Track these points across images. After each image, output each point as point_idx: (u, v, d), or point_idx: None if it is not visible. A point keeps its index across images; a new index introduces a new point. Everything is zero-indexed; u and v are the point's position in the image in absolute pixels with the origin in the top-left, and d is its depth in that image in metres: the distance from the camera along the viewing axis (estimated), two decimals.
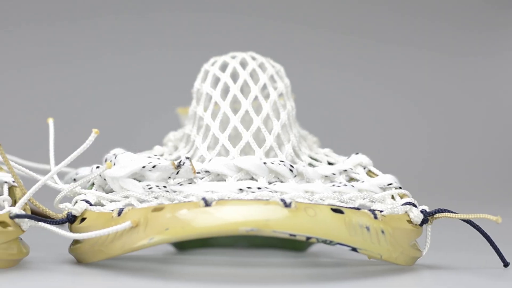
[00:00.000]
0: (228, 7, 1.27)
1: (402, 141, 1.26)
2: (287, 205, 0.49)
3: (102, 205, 0.54)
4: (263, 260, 0.64)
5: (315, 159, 0.61)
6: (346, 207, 0.51)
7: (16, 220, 0.51)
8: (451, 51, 1.32)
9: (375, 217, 0.52)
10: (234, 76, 0.62)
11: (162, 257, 0.63)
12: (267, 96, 0.61)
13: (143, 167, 0.54)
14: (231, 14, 1.26)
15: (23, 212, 0.51)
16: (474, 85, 1.33)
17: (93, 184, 0.57)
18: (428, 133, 1.29)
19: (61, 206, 0.54)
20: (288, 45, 1.25)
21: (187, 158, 0.54)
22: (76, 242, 0.53)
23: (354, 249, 0.50)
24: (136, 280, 0.50)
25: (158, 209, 0.50)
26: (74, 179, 0.59)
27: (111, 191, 0.56)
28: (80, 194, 0.55)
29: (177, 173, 0.54)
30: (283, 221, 0.48)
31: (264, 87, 0.61)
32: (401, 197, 0.58)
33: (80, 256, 0.53)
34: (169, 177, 0.55)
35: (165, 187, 0.54)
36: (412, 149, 1.26)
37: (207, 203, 0.49)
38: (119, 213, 0.51)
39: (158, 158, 0.55)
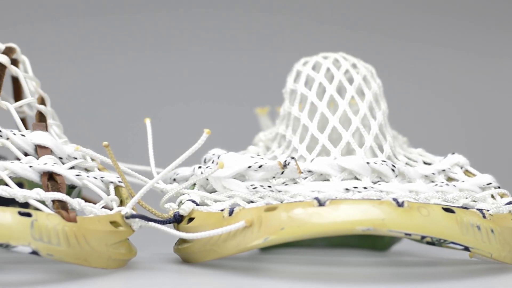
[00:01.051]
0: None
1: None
2: (399, 204, 0.49)
3: (207, 205, 0.54)
4: (346, 259, 0.64)
5: (410, 159, 0.61)
6: (455, 207, 0.51)
7: (127, 220, 0.51)
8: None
9: (484, 216, 0.51)
10: (328, 77, 0.62)
11: (249, 256, 0.63)
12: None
13: (249, 167, 0.54)
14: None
15: (134, 212, 0.51)
16: None
17: (195, 184, 0.57)
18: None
19: (166, 206, 0.54)
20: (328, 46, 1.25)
21: (292, 158, 0.54)
22: (184, 241, 0.53)
23: (466, 248, 0.50)
24: (240, 278, 0.50)
25: (271, 208, 0.49)
26: (174, 179, 0.59)
27: (213, 191, 0.56)
28: (183, 194, 0.55)
29: (282, 173, 0.54)
30: (398, 220, 0.48)
31: (359, 87, 0.61)
32: (501, 196, 0.57)
33: (189, 256, 0.53)
34: (273, 177, 0.55)
35: (269, 187, 0.54)
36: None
37: (320, 203, 0.49)
38: (230, 213, 0.51)
39: (262, 158, 0.55)
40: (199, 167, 0.56)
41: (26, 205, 0.56)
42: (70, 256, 0.47)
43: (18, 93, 0.66)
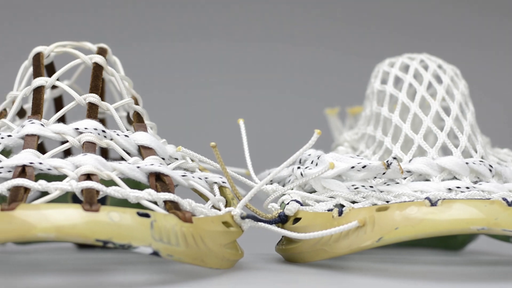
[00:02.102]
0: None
1: None
2: (510, 204, 0.49)
3: (308, 205, 0.54)
4: (420, 258, 0.65)
5: (500, 159, 0.61)
6: None
7: (238, 220, 0.51)
8: None
9: None
10: (416, 78, 0.62)
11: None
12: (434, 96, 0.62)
13: (352, 167, 0.54)
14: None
15: (244, 213, 0.51)
16: None
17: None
18: None
19: (268, 206, 0.55)
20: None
21: (394, 158, 0.54)
22: (290, 242, 0.53)
23: None
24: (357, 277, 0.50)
25: (383, 208, 0.49)
26: (271, 180, 0.59)
27: (312, 191, 0.56)
28: (284, 194, 0.55)
29: (384, 173, 0.54)
30: (511, 219, 0.48)
31: (448, 88, 0.61)
32: None
33: (297, 256, 0.53)
34: (375, 177, 0.55)
35: (371, 187, 0.54)
36: None
37: (432, 203, 0.49)
38: (340, 213, 0.51)
39: (362, 159, 0.55)
40: (298, 168, 0.56)
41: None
42: (189, 257, 0.47)
43: (100, 94, 0.66)
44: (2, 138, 0.53)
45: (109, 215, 0.45)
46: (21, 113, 0.60)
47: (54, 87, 0.62)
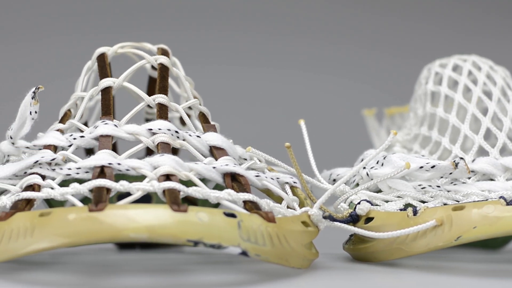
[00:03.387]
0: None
1: None
2: None
3: (377, 205, 0.55)
4: (458, 256, 0.65)
5: None
6: None
7: (315, 220, 0.52)
8: None
9: None
10: (471, 78, 0.63)
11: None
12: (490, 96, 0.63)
13: (421, 167, 0.54)
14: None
15: (322, 213, 0.52)
16: None
17: (357, 184, 0.57)
18: None
19: (338, 206, 0.55)
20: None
21: (461, 158, 0.55)
22: (362, 241, 0.54)
23: None
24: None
25: (459, 208, 0.50)
26: (334, 180, 0.59)
27: (377, 190, 0.57)
28: (350, 194, 0.56)
29: (450, 173, 0.55)
30: None
31: (502, 89, 0.62)
32: None
33: (370, 255, 0.53)
34: (441, 177, 0.55)
35: (438, 186, 0.55)
36: None
37: (507, 202, 0.49)
38: (415, 213, 0.51)
39: (428, 158, 0.56)
40: (364, 168, 0.57)
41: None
42: (274, 256, 0.47)
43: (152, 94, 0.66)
44: (74, 138, 0.53)
45: (197, 215, 0.45)
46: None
47: None
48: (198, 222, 0.45)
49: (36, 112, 0.53)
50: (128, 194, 0.49)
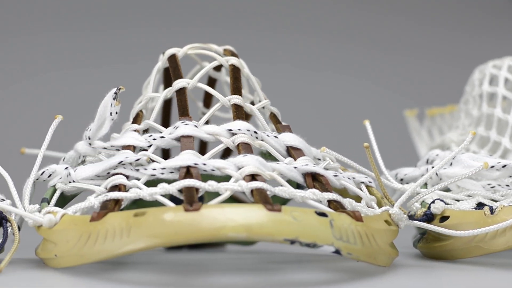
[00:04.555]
0: None
1: None
2: None
3: (448, 204, 0.56)
4: None
5: None
6: None
7: (396, 219, 0.52)
8: None
9: None
10: None
11: None
12: None
13: (492, 166, 0.55)
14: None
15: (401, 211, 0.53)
16: None
17: (425, 184, 0.58)
18: None
19: (412, 206, 0.56)
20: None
21: None
22: (437, 239, 0.55)
23: None
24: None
25: None
26: (402, 179, 0.60)
27: (445, 190, 0.58)
28: (425, 194, 0.57)
29: None
30: None
31: None
32: None
33: (447, 253, 0.54)
34: (510, 176, 0.56)
35: (507, 185, 0.56)
36: None
37: None
38: (492, 211, 0.52)
39: (497, 158, 0.57)
40: (433, 167, 0.58)
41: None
42: (364, 255, 0.48)
43: (209, 96, 0.67)
44: (154, 139, 0.54)
45: (292, 214, 0.46)
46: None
47: None
48: (293, 222, 0.46)
49: (116, 113, 0.53)
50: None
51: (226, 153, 0.65)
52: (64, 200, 0.55)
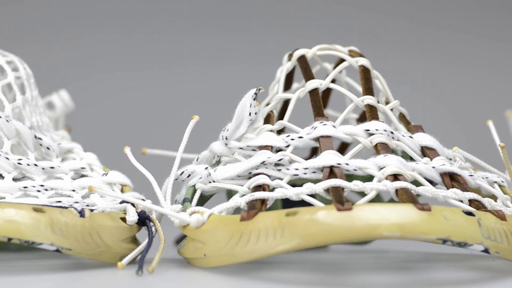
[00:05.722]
0: None
1: None
2: None
3: None
4: None
5: None
6: None
7: None
8: None
9: None
10: None
11: None
12: None
13: None
14: None
15: None
16: None
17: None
18: None
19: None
20: None
21: None
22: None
23: None
24: None
25: None
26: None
27: None
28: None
29: None
30: None
31: None
32: None
33: None
34: None
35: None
36: None
37: None
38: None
39: None
40: None
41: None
42: (510, 253, 0.49)
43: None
44: (292, 139, 0.54)
45: (442, 213, 0.47)
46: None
47: None
48: (444, 221, 0.46)
49: (256, 114, 0.54)
50: None
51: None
52: (202, 200, 0.56)
